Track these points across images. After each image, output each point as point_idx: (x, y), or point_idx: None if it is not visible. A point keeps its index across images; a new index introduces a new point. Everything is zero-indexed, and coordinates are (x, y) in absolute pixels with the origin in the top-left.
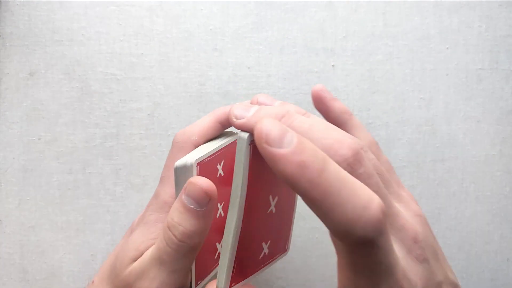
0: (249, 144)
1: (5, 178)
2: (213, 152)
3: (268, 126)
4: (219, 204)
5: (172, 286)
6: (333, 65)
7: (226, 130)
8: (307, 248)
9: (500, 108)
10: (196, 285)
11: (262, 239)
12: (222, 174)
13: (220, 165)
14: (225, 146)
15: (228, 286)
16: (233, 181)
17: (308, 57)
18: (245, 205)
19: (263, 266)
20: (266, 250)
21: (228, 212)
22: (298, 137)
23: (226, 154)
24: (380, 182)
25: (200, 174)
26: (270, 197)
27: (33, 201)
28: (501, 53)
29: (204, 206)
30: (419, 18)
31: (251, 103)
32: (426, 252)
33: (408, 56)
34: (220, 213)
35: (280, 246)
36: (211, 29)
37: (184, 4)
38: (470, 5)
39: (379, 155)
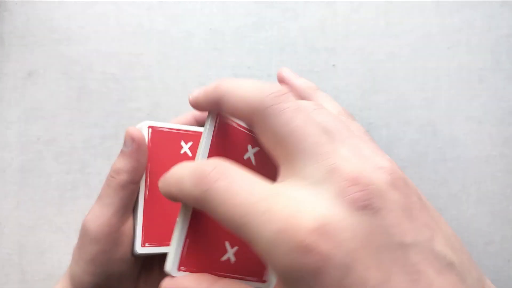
0: (215, 116)
1: (4, 179)
2: (175, 127)
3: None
4: None
5: (101, 218)
6: (333, 65)
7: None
8: None
9: (502, 108)
10: (143, 245)
11: (226, 238)
12: (190, 154)
13: (186, 143)
14: (195, 131)
15: (176, 267)
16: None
17: (309, 56)
18: None
19: (228, 275)
20: (231, 255)
21: None
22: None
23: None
24: (313, 128)
25: (152, 137)
26: None
27: (32, 201)
28: (503, 53)
29: (129, 146)
30: (421, 17)
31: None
32: (375, 200)
33: (409, 56)
34: None
35: (254, 268)
36: (211, 28)
37: (184, 4)
38: (472, 5)
39: (349, 123)
